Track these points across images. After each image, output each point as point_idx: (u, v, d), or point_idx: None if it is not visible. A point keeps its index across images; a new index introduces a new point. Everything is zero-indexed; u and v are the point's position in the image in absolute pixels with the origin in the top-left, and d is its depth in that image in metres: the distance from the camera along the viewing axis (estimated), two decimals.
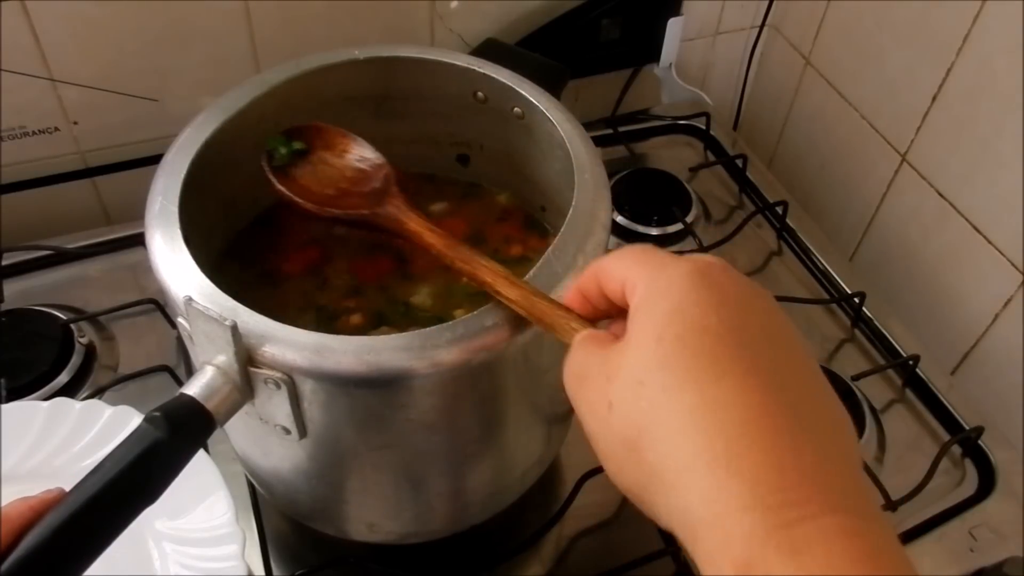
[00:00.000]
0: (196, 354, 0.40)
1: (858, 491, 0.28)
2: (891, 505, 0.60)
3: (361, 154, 0.50)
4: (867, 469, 0.62)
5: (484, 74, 0.54)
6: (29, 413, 0.58)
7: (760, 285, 0.32)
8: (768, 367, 0.29)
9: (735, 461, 0.27)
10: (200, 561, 0.53)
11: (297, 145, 0.50)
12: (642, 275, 0.32)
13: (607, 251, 0.45)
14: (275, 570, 0.56)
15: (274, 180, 0.48)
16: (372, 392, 0.40)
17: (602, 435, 0.31)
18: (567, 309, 0.37)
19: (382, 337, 0.40)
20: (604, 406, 0.31)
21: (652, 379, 0.29)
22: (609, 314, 0.36)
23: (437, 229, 0.44)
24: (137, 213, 0.46)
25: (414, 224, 0.45)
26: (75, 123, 0.74)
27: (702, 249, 0.77)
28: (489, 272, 0.40)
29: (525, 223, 0.59)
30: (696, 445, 0.27)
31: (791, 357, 0.30)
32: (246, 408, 0.41)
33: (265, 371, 0.39)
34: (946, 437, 0.67)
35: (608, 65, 0.90)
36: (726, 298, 0.30)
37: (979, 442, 0.66)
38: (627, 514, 0.61)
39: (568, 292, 0.38)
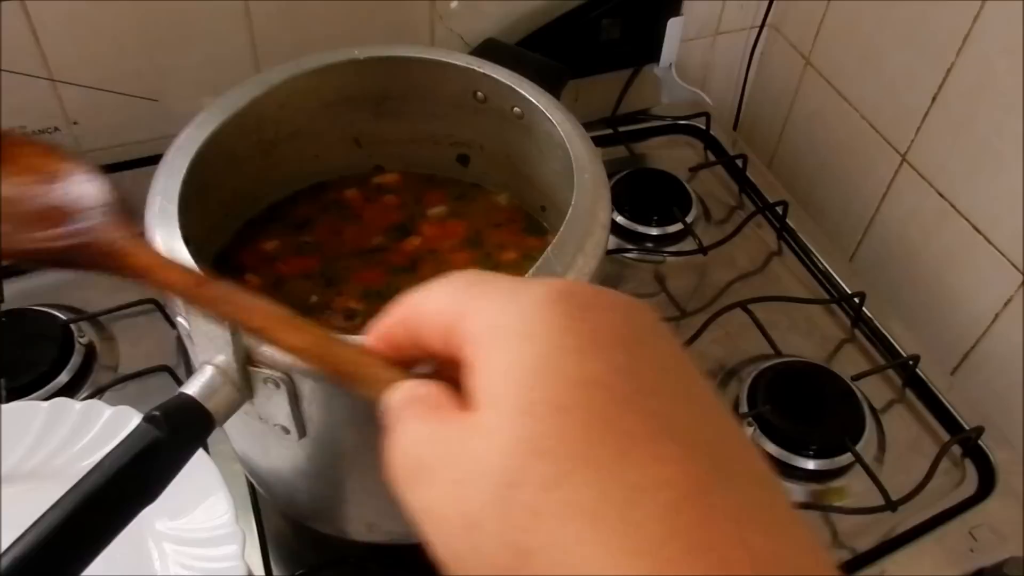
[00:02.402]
0: (196, 354, 0.40)
1: (814, 555, 0.21)
2: (891, 505, 0.60)
3: (64, 170, 0.38)
4: (867, 469, 0.62)
5: (484, 74, 0.54)
6: (29, 413, 0.58)
7: (631, 297, 0.24)
8: (679, 417, 0.21)
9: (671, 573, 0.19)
10: (200, 561, 0.53)
11: None
12: (475, 314, 0.23)
13: (606, 251, 0.45)
14: (275, 570, 0.56)
15: None
16: None
17: (464, 561, 0.21)
18: (370, 353, 0.28)
19: None
20: (459, 523, 0.21)
21: (527, 475, 0.20)
22: (422, 362, 0.27)
23: (181, 266, 0.34)
24: (137, 213, 0.46)
25: (141, 258, 0.35)
26: (75, 123, 0.74)
27: (702, 249, 0.77)
28: (258, 314, 0.31)
29: (524, 226, 0.59)
30: (612, 563, 0.19)
31: (692, 389, 0.23)
32: (246, 408, 0.41)
33: (265, 370, 0.39)
34: (946, 437, 0.67)
35: (608, 65, 0.90)
36: (604, 329, 0.22)
37: (979, 442, 0.66)
38: None
39: (370, 335, 0.28)
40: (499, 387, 0.22)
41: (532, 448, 0.20)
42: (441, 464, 0.22)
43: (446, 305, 0.25)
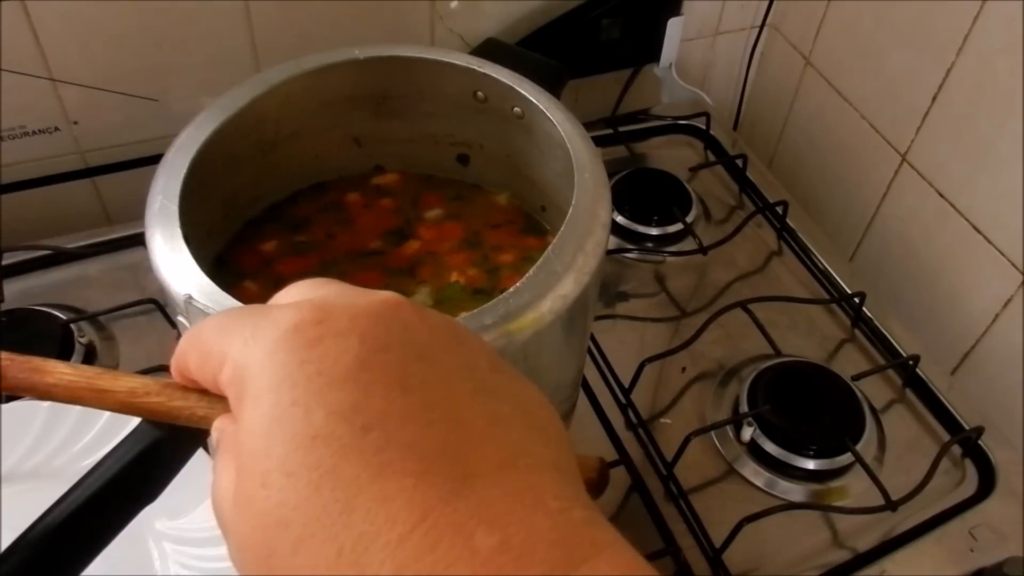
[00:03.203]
0: None
1: (549, 537, 0.21)
2: (891, 505, 0.60)
3: None
4: (867, 469, 0.62)
5: (484, 74, 0.54)
6: (29, 413, 0.58)
7: (371, 303, 0.25)
8: (413, 436, 0.21)
9: None
10: (200, 561, 0.53)
11: None
12: (228, 363, 0.24)
13: (606, 251, 0.45)
14: None
15: None
16: None
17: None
18: (183, 389, 0.29)
19: None
20: (286, 548, 0.21)
21: (276, 547, 0.21)
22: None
23: (18, 358, 0.30)
24: (137, 213, 0.46)
25: None
26: (75, 123, 0.74)
27: (702, 249, 0.77)
28: (53, 375, 0.29)
29: (522, 227, 0.59)
30: (375, 516, 0.20)
31: (432, 389, 0.23)
32: None
33: None
34: (946, 437, 0.67)
35: (608, 65, 0.90)
36: (329, 363, 0.22)
37: (979, 442, 0.66)
38: (626, 514, 0.61)
39: (172, 374, 0.29)
40: (242, 453, 0.22)
41: (275, 520, 0.21)
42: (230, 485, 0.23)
43: (207, 351, 0.25)
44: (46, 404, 0.58)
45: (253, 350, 0.23)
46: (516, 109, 0.54)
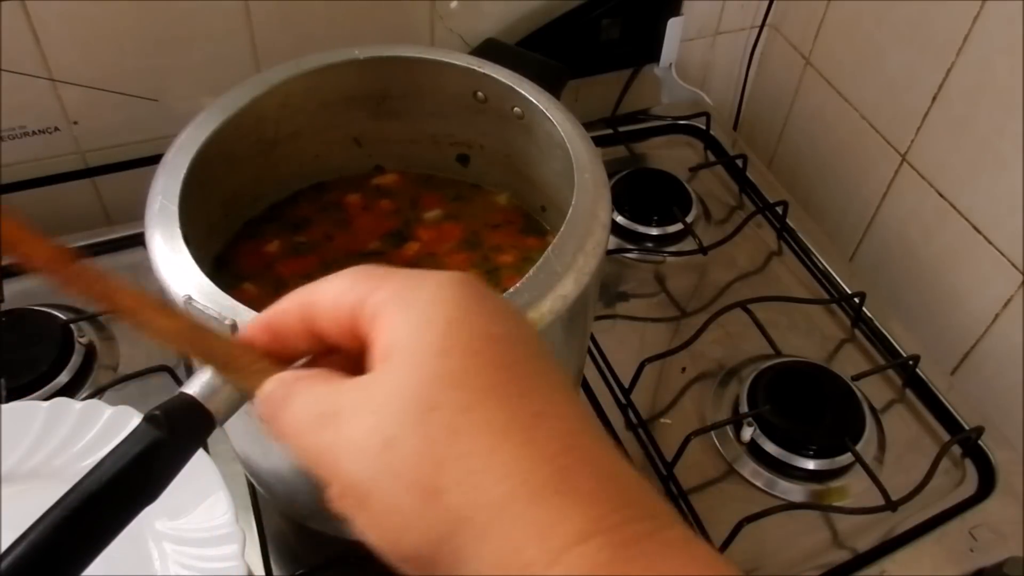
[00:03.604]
0: None
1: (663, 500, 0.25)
2: (891, 505, 0.60)
3: None
4: (867, 469, 0.62)
5: (484, 74, 0.54)
6: (29, 413, 0.58)
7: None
8: (558, 377, 0.26)
9: (565, 484, 0.23)
10: (200, 561, 0.53)
11: None
12: (386, 295, 0.26)
13: (606, 251, 0.45)
14: (275, 570, 0.56)
15: None
16: None
17: (378, 483, 0.24)
18: (249, 346, 0.30)
19: None
20: (377, 444, 0.24)
21: (445, 400, 0.24)
22: (305, 355, 0.30)
23: (51, 242, 0.31)
24: (137, 213, 0.46)
25: (12, 230, 0.30)
26: (75, 123, 0.74)
27: (702, 249, 0.77)
28: (128, 296, 0.31)
29: (522, 227, 0.59)
30: (517, 472, 0.23)
31: (558, 366, 0.27)
32: (246, 407, 0.40)
33: None
34: (946, 437, 0.67)
35: (608, 65, 0.90)
36: (497, 306, 0.27)
37: (979, 442, 0.66)
38: None
39: (251, 326, 0.30)
40: (413, 338, 0.25)
41: (450, 381, 0.24)
42: (352, 405, 0.25)
43: (348, 289, 0.27)
44: (46, 404, 0.58)
45: (424, 280, 0.27)
46: (516, 109, 0.54)
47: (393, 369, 0.25)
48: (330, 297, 0.28)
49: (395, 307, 0.26)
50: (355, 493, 0.25)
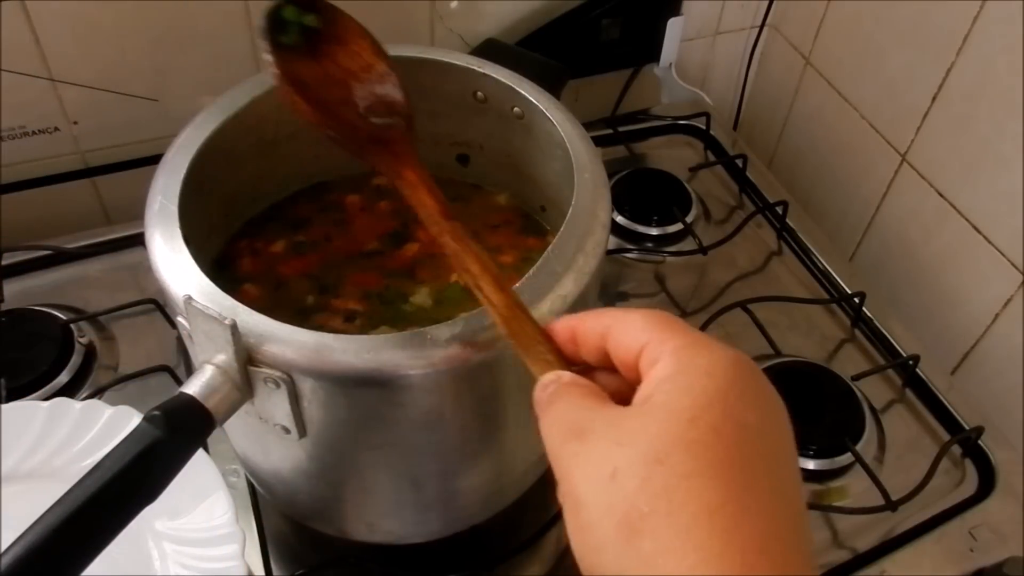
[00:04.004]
0: (196, 353, 0.40)
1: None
2: (891, 505, 0.60)
3: (381, 70, 0.43)
4: (867, 469, 0.62)
5: (484, 74, 0.54)
6: (29, 413, 0.58)
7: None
8: (786, 481, 0.27)
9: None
10: (200, 561, 0.53)
11: (309, 20, 0.42)
12: (674, 346, 0.29)
13: (606, 251, 0.45)
14: (275, 570, 0.56)
15: (272, 60, 0.39)
16: (371, 391, 0.40)
17: (594, 505, 0.27)
18: (548, 337, 0.34)
19: (381, 336, 0.40)
20: (605, 471, 0.27)
21: (673, 462, 0.26)
22: (589, 366, 0.33)
23: (437, 190, 0.38)
24: (137, 213, 0.46)
25: (412, 173, 0.39)
26: (75, 123, 0.74)
27: (702, 249, 0.77)
28: (477, 263, 0.36)
29: (521, 227, 0.59)
30: (708, 550, 0.24)
31: (794, 471, 0.29)
32: (246, 407, 0.41)
33: (264, 370, 0.39)
34: (946, 437, 0.67)
35: (608, 65, 0.90)
36: (761, 398, 0.29)
37: (979, 442, 0.66)
38: None
39: (559, 324, 0.34)
40: (672, 396, 0.28)
41: (684, 446, 0.26)
42: (601, 429, 0.28)
43: (644, 329, 0.30)
44: (46, 404, 0.58)
45: (707, 347, 0.29)
46: (516, 109, 0.54)
47: (645, 414, 0.28)
48: (627, 328, 0.31)
49: (671, 362, 0.29)
50: (574, 501, 0.28)
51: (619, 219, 0.80)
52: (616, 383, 0.32)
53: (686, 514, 0.25)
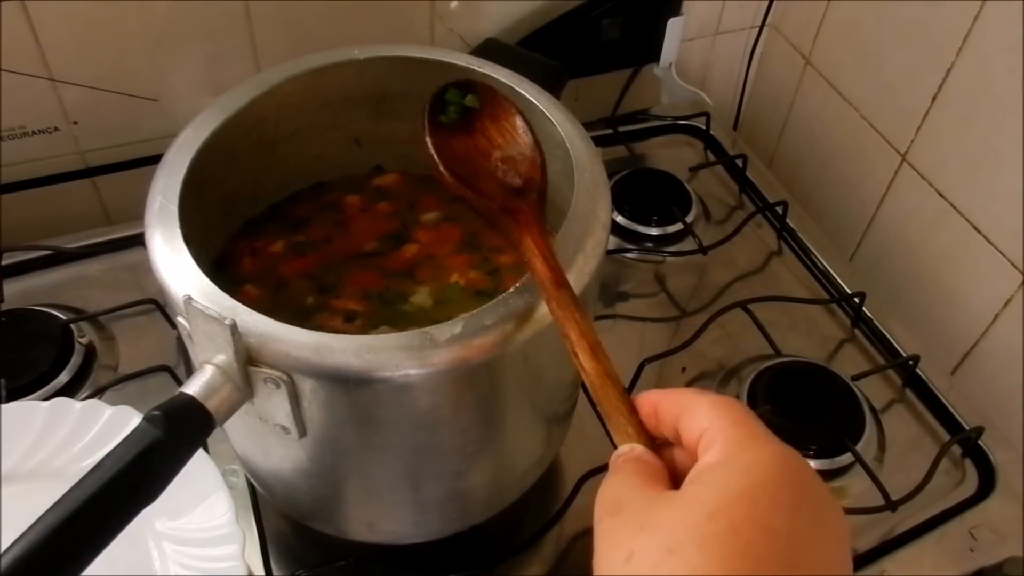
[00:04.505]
0: (196, 353, 0.40)
1: None
2: (891, 505, 0.60)
3: (522, 141, 0.46)
4: (867, 469, 0.62)
5: (484, 74, 0.54)
6: (29, 413, 0.58)
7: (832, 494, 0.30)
8: None
9: None
10: (200, 561, 0.53)
11: (469, 100, 0.47)
12: (727, 437, 0.30)
13: (606, 251, 0.45)
14: (275, 570, 0.56)
15: (428, 135, 0.45)
16: (371, 391, 0.40)
17: (609, 573, 0.29)
18: (632, 409, 0.35)
19: (382, 336, 0.40)
20: (624, 552, 0.28)
21: (684, 554, 0.26)
22: (662, 439, 0.34)
23: (553, 259, 0.40)
24: (137, 213, 0.46)
25: (532, 242, 0.41)
26: (75, 123, 0.74)
27: (702, 249, 0.77)
28: (576, 330, 0.37)
29: None
30: None
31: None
32: (246, 407, 0.41)
33: (265, 370, 0.39)
34: (946, 437, 0.67)
35: (608, 65, 0.90)
36: (802, 503, 0.28)
37: (979, 442, 0.66)
38: None
39: (644, 397, 0.35)
40: (705, 488, 0.28)
41: (698, 540, 0.27)
42: (634, 510, 0.30)
43: (712, 418, 0.31)
44: (46, 404, 0.58)
45: (755, 444, 0.29)
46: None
47: (673, 501, 0.29)
48: (694, 412, 0.32)
49: (719, 452, 0.30)
50: (598, 562, 0.30)
51: (619, 219, 0.80)
52: (690, 463, 0.32)
53: None
